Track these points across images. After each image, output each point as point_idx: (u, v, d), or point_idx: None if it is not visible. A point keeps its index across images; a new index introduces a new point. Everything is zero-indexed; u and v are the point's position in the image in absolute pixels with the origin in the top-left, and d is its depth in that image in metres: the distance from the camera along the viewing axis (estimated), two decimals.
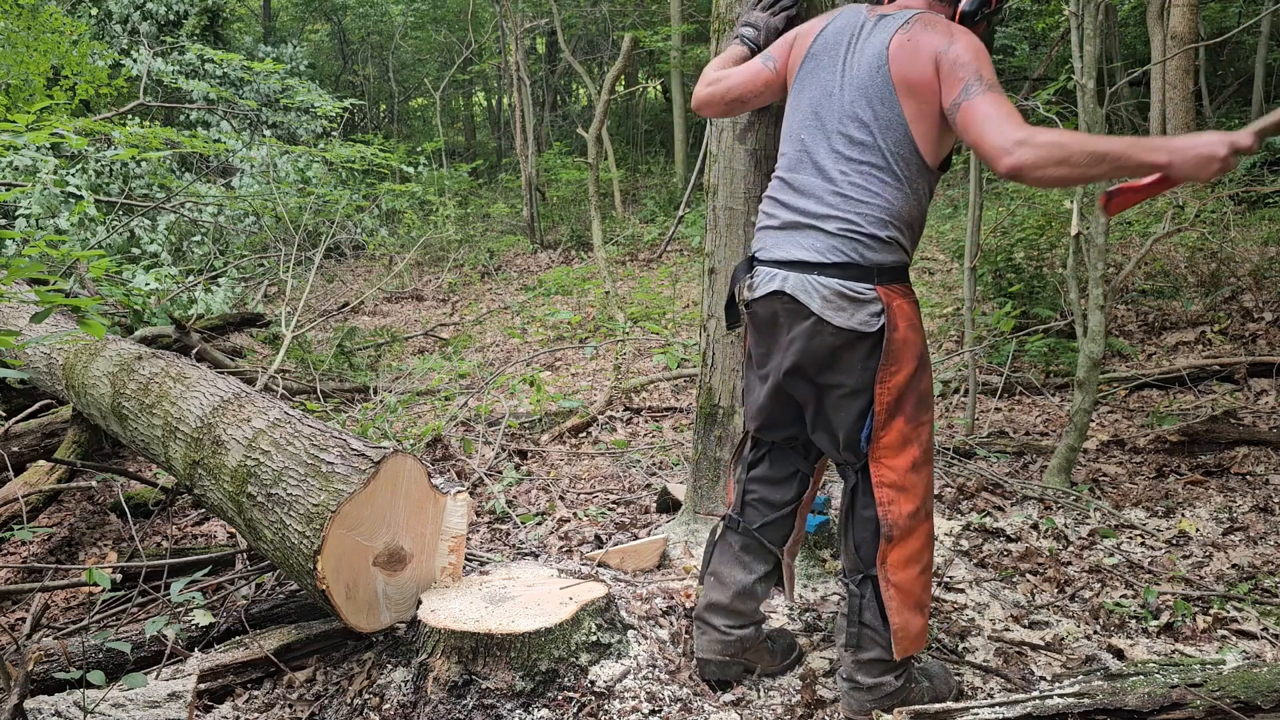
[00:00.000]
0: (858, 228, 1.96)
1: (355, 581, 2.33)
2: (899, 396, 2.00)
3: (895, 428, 2.01)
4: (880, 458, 2.02)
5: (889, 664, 2.09)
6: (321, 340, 7.57)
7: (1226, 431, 3.99)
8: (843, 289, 1.96)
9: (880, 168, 1.97)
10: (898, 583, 2.04)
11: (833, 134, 2.03)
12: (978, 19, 2.10)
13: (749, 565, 2.30)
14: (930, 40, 1.93)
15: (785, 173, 2.12)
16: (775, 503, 2.28)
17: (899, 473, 2.02)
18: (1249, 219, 7.38)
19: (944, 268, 8.03)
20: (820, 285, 1.97)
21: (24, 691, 1.99)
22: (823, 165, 2.03)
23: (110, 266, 6.29)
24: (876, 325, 1.96)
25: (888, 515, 2.02)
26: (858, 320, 1.96)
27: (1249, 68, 11.18)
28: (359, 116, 18.99)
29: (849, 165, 1.99)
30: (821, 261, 1.98)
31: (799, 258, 2.01)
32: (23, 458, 4.14)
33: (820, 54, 2.11)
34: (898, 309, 1.98)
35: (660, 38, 12.15)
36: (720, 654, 2.32)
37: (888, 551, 2.03)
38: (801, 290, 1.99)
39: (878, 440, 2.01)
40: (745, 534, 2.30)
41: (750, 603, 2.31)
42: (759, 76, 2.27)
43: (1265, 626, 2.60)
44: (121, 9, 13.01)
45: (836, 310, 1.96)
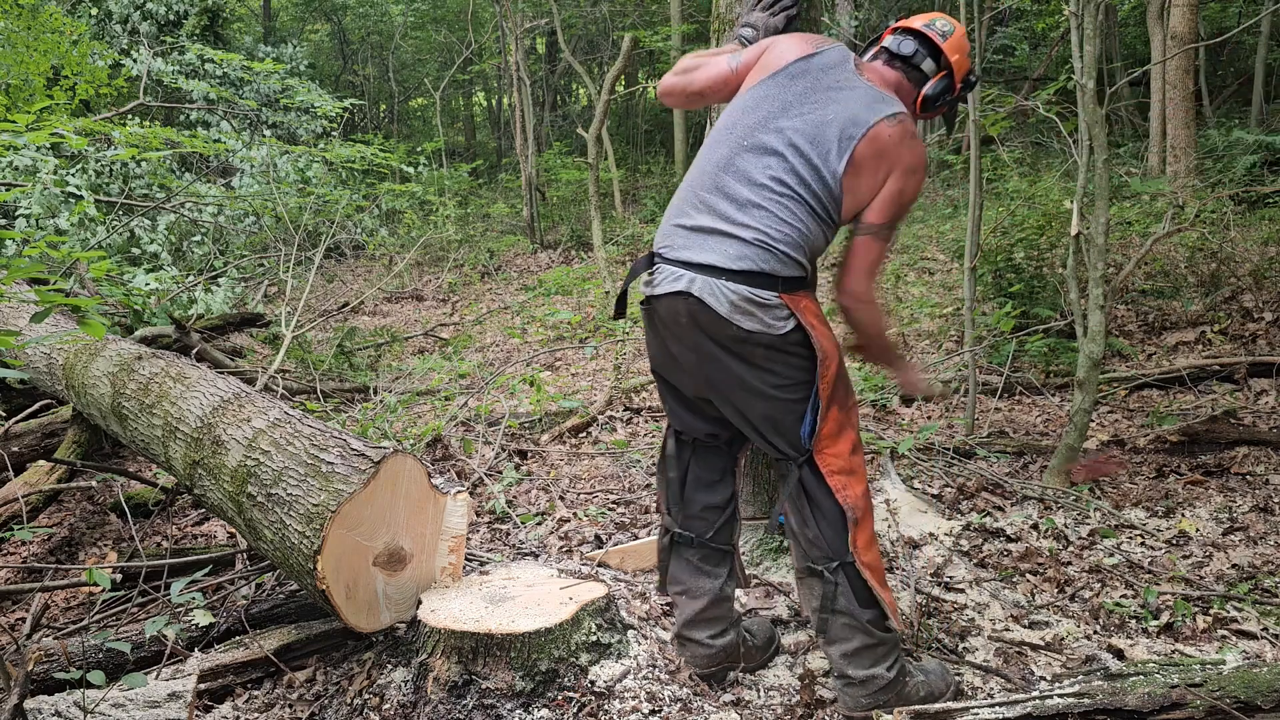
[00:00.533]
0: (772, 242, 1.99)
1: (355, 581, 2.33)
2: (834, 388, 2.07)
3: (831, 417, 2.08)
4: (824, 448, 2.09)
5: (875, 650, 2.11)
6: (321, 340, 7.57)
7: (1226, 431, 3.99)
8: (751, 295, 1.98)
9: (806, 203, 2.02)
10: (868, 562, 2.11)
11: (772, 152, 2.04)
12: (938, 104, 2.21)
13: (711, 572, 2.33)
14: (903, 156, 2.04)
15: (713, 170, 2.10)
16: (717, 505, 2.32)
17: (843, 457, 2.10)
18: (1249, 219, 7.38)
19: (944, 268, 8.03)
20: (729, 290, 1.99)
21: (24, 691, 1.99)
22: (752, 176, 2.04)
23: (110, 267, 6.30)
24: (785, 328, 2.00)
25: (846, 499, 2.08)
26: (765, 324, 1.99)
27: (1249, 68, 11.19)
28: (359, 116, 18.98)
29: (779, 185, 2.02)
30: (730, 268, 1.99)
31: (708, 261, 2.01)
32: (23, 458, 4.14)
33: (799, 76, 2.12)
34: (805, 309, 2.03)
35: (660, 38, 12.14)
36: (706, 665, 2.35)
37: (856, 535, 2.09)
38: (709, 293, 2.00)
39: (819, 432, 2.07)
40: (701, 546, 2.32)
41: (724, 606, 2.34)
42: (720, 74, 2.28)
43: (1265, 626, 2.60)
44: (121, 9, 13.00)
45: (744, 315, 1.99)
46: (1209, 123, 10.25)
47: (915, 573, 2.94)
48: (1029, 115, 10.54)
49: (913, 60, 2.17)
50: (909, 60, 2.17)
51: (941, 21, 2.20)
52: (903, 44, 2.19)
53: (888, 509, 3.37)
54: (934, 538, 3.22)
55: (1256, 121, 10.05)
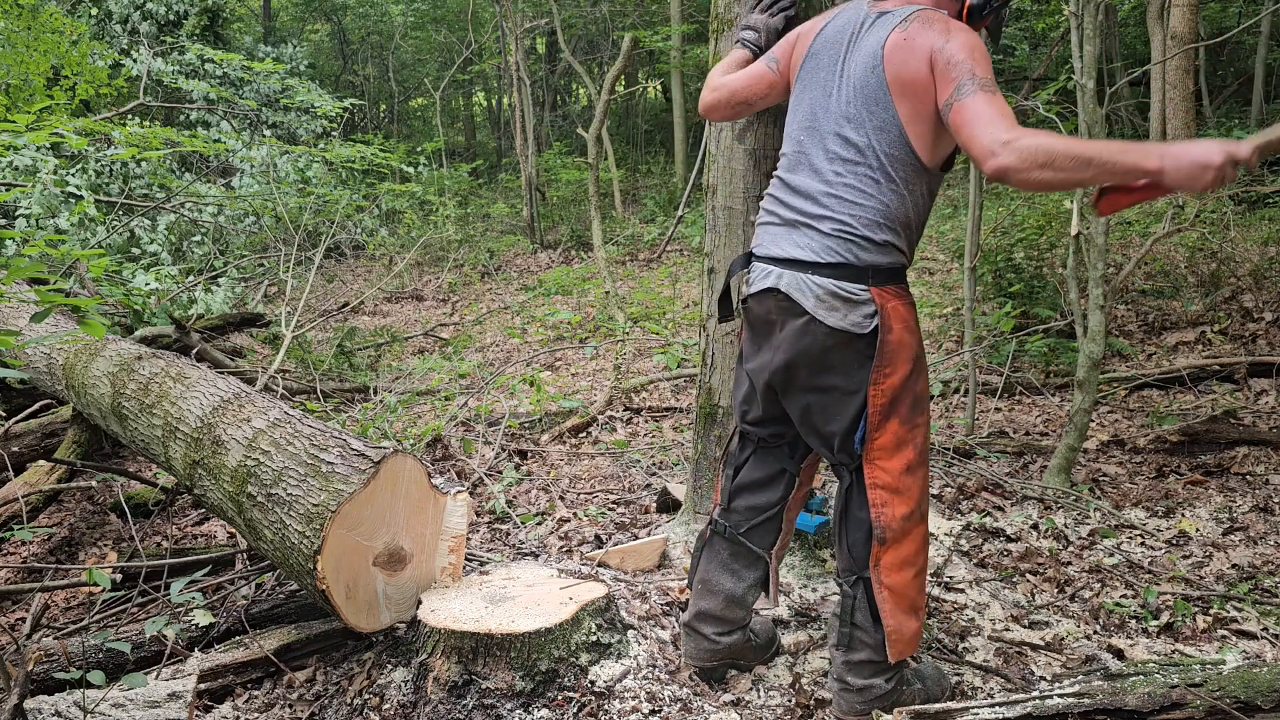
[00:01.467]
0: (851, 229, 1.95)
1: (355, 581, 2.33)
2: (893, 398, 1.98)
3: (889, 430, 2.00)
4: (875, 459, 2.01)
5: (879, 666, 2.09)
6: (321, 340, 7.57)
7: (1226, 431, 3.99)
8: (836, 289, 1.94)
9: (875, 169, 1.94)
10: (891, 585, 2.03)
11: (828, 135, 2.01)
12: (985, 13, 2.05)
13: (739, 573, 2.29)
14: (926, 38, 1.88)
15: (784, 173, 2.12)
16: (761, 506, 2.27)
17: (893, 475, 2.01)
18: (1249, 219, 7.38)
19: (944, 268, 8.03)
20: (814, 284, 1.96)
21: (24, 691, 1.99)
22: (818, 167, 2.02)
23: (110, 266, 6.30)
24: (870, 326, 1.94)
25: (881, 518, 2.01)
26: (850, 321, 1.95)
27: (1249, 68, 11.19)
28: (359, 116, 18.99)
29: (843, 166, 1.98)
30: (816, 261, 1.97)
31: (795, 256, 2.00)
32: (23, 458, 4.14)
33: (820, 53, 2.10)
34: (892, 310, 1.96)
35: (660, 38, 12.15)
36: (709, 660, 2.34)
37: (881, 554, 2.02)
38: (796, 289, 1.98)
39: (872, 442, 2.00)
40: (734, 541, 2.29)
41: (739, 610, 2.31)
42: (763, 79, 2.26)
43: (1265, 626, 2.60)
44: (121, 9, 13.00)
45: (830, 310, 1.95)
46: (1209, 123, 10.25)
47: None
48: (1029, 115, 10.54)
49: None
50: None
51: None
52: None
53: None
54: (934, 538, 3.22)
55: (1256, 121, 10.05)
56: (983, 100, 1.77)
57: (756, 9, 2.47)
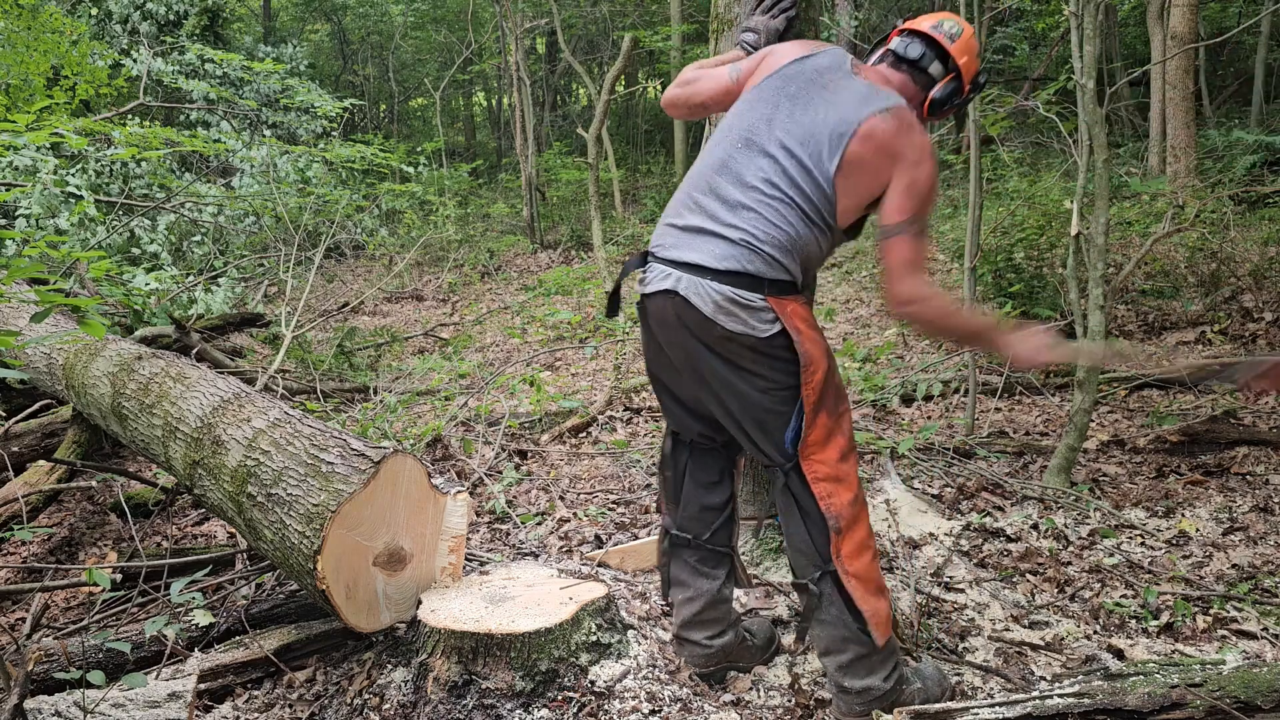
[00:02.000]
0: (759, 244, 1.97)
1: (355, 581, 2.33)
2: (820, 394, 2.03)
3: (819, 423, 2.05)
4: (810, 454, 2.05)
5: (869, 660, 2.10)
6: (321, 340, 7.57)
7: (1226, 431, 3.99)
8: (734, 295, 1.96)
9: (797, 205, 1.99)
10: (855, 572, 2.07)
11: (764, 155, 2.02)
12: (946, 107, 2.16)
13: (709, 574, 2.32)
14: (900, 148, 1.98)
15: (708, 172, 2.10)
16: (715, 506, 2.30)
17: (830, 465, 2.06)
18: (1249, 219, 7.38)
19: (944, 268, 8.03)
20: (712, 290, 1.97)
21: (24, 691, 1.99)
22: (746, 179, 2.03)
23: (110, 267, 6.29)
24: (770, 330, 1.97)
25: (830, 508, 2.05)
26: (749, 325, 1.97)
27: (1249, 68, 11.19)
28: (359, 116, 18.98)
29: (769, 188, 2.00)
30: (715, 268, 1.98)
31: (695, 260, 2.00)
32: (23, 458, 4.14)
33: (793, 78, 2.10)
34: (792, 313, 1.99)
35: (660, 38, 12.15)
36: (705, 665, 2.35)
37: (840, 544, 2.05)
38: (694, 293, 1.99)
39: (805, 438, 2.04)
40: (698, 548, 2.32)
41: (723, 607, 2.33)
42: (722, 85, 2.27)
43: (1265, 626, 2.60)
44: (121, 9, 13.00)
45: (728, 315, 1.97)
46: (1209, 123, 10.26)
47: (915, 573, 2.94)
48: (1029, 115, 10.55)
49: (920, 64, 2.13)
50: (916, 64, 2.13)
51: (950, 23, 2.16)
52: (909, 47, 2.14)
53: (888, 509, 3.37)
54: (934, 538, 3.22)
55: (1256, 121, 10.06)
56: (916, 248, 2.01)
57: (758, 11, 2.47)
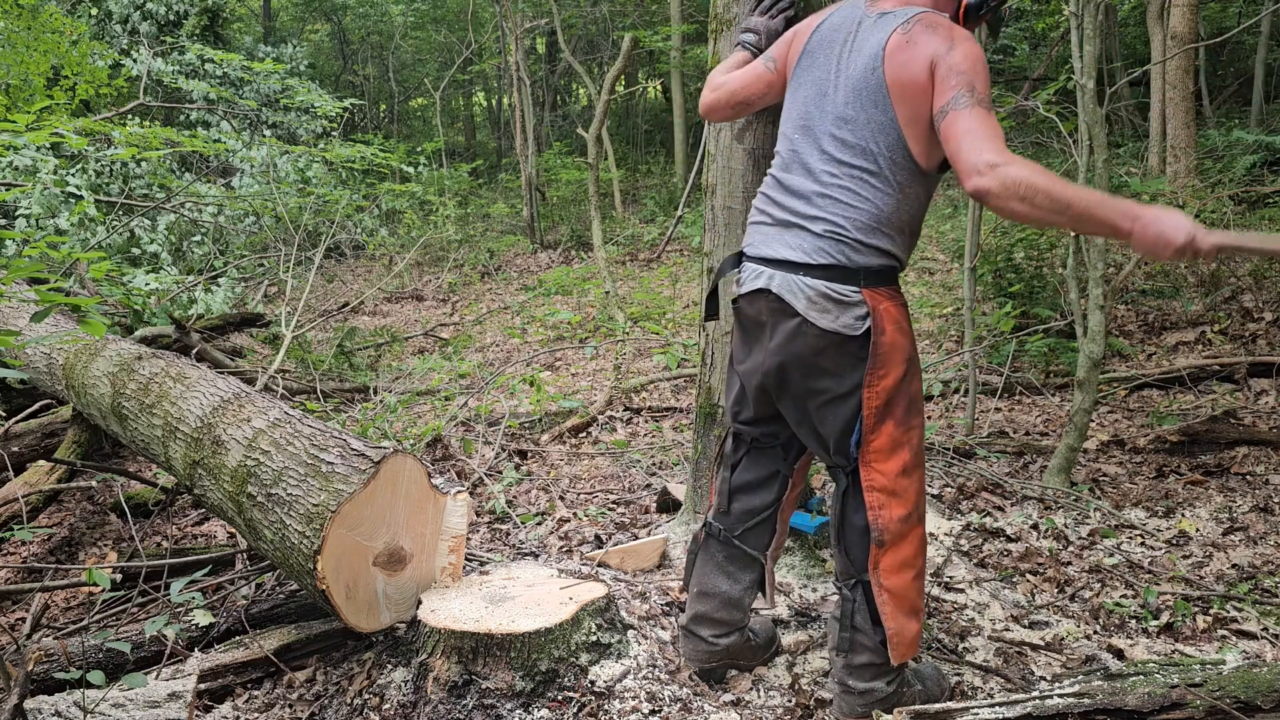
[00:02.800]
0: (843, 230, 1.93)
1: (355, 581, 2.33)
2: (888, 400, 1.97)
3: (885, 432, 1.98)
4: (870, 462, 2.00)
5: (880, 668, 2.09)
6: (321, 340, 7.57)
7: (1226, 431, 3.99)
8: (828, 290, 1.93)
9: (870, 171, 1.93)
10: (890, 588, 2.02)
11: (823, 135, 1.99)
12: (983, 11, 2.04)
13: (734, 575, 2.30)
14: (929, 43, 1.85)
15: (777, 172, 2.10)
16: (756, 508, 2.27)
17: (889, 477, 2.00)
18: (1249, 219, 7.37)
19: (944, 268, 8.03)
20: (805, 286, 1.94)
21: (24, 691, 1.99)
22: (811, 166, 2.00)
23: (110, 267, 6.30)
24: (862, 328, 1.93)
25: (878, 520, 2.00)
26: (842, 323, 1.93)
27: (1249, 68, 11.19)
28: (359, 116, 18.98)
29: (838, 167, 1.96)
30: (807, 262, 1.95)
31: (786, 257, 1.98)
32: (23, 458, 4.14)
33: (816, 50, 2.08)
34: (884, 312, 1.95)
35: (660, 38, 12.15)
36: (707, 662, 2.34)
37: (879, 557, 2.01)
38: (787, 290, 1.96)
39: (867, 444, 1.99)
40: (728, 544, 2.30)
41: (736, 613, 2.31)
42: (761, 78, 2.25)
43: (1265, 626, 2.60)
44: (121, 9, 13.01)
45: (821, 312, 1.94)
46: (1209, 123, 10.25)
47: None
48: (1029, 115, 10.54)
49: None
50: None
51: None
52: None
53: None
54: (934, 538, 3.22)
55: (1256, 121, 10.05)
56: (978, 116, 1.77)
57: (756, 11, 2.47)
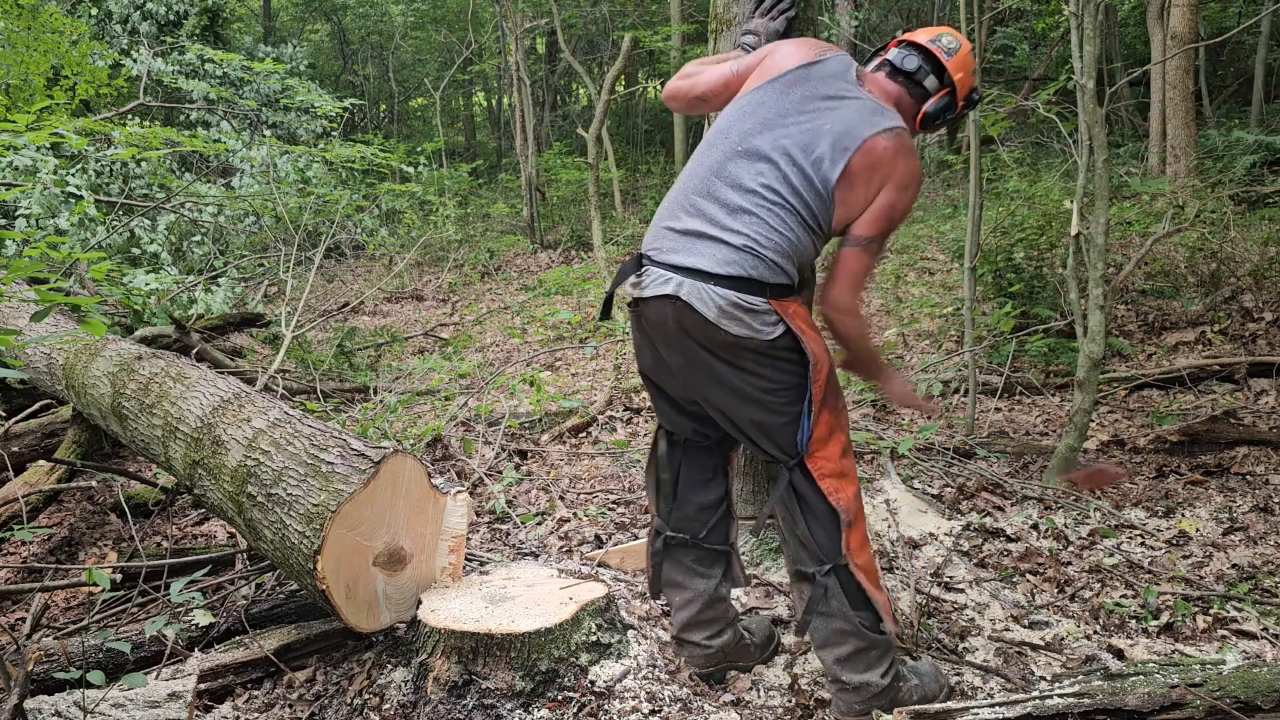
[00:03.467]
0: (761, 249, 1.98)
1: (355, 581, 2.33)
2: (825, 393, 2.06)
3: (823, 421, 2.08)
4: (815, 452, 2.08)
5: (869, 655, 2.11)
6: (321, 340, 7.57)
7: (1226, 431, 3.99)
8: (738, 300, 1.96)
9: (796, 212, 2.01)
10: (861, 564, 2.10)
11: (764, 158, 2.02)
12: (938, 121, 2.20)
13: (705, 573, 2.33)
14: (897, 171, 2.02)
15: (705, 175, 2.08)
16: (710, 504, 2.31)
17: (834, 460, 2.09)
18: (1249, 219, 7.37)
19: (944, 268, 8.03)
20: (716, 295, 1.97)
21: (24, 691, 1.99)
22: (743, 182, 2.02)
23: (110, 267, 6.30)
24: (774, 333, 1.98)
25: (839, 502, 2.07)
26: (753, 329, 1.98)
27: (1249, 68, 11.19)
28: (359, 116, 18.98)
29: (770, 193, 2.00)
30: (719, 273, 1.97)
31: (696, 265, 2.00)
32: (23, 458, 4.14)
33: (797, 84, 2.09)
34: (794, 314, 2.01)
35: (660, 38, 12.15)
36: (705, 665, 2.35)
37: (849, 537, 2.08)
38: (696, 298, 1.98)
39: (810, 436, 2.07)
40: (695, 547, 2.32)
41: (720, 606, 2.34)
42: (722, 79, 2.27)
43: (1265, 626, 2.60)
44: (121, 9, 13.01)
45: (731, 319, 1.97)
46: (1209, 123, 10.25)
47: (915, 573, 2.94)
48: (1029, 115, 10.55)
49: (915, 76, 2.15)
50: (912, 76, 2.15)
51: (948, 38, 2.18)
52: (906, 59, 2.16)
53: (888, 509, 3.36)
54: (934, 538, 3.22)
55: (1256, 121, 10.05)
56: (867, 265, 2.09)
57: (757, 13, 2.47)
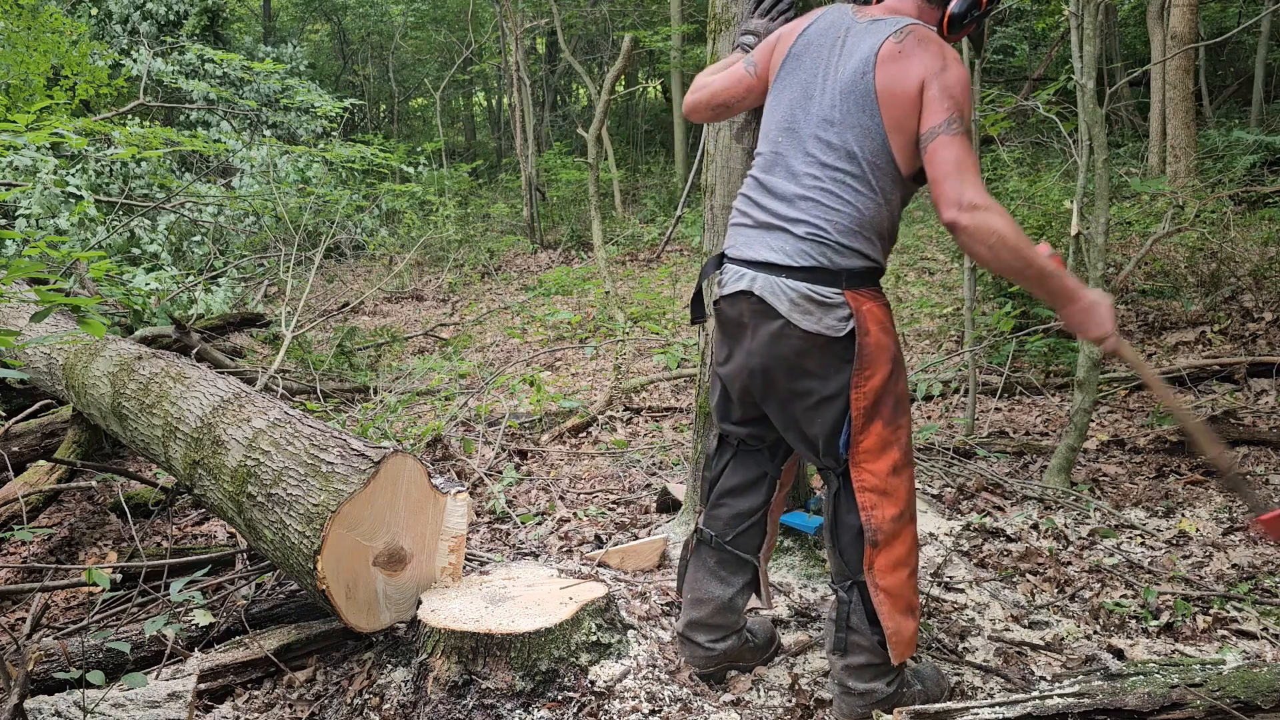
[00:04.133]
0: (825, 233, 1.94)
1: (355, 581, 2.33)
2: (875, 400, 1.98)
3: (874, 431, 1.99)
4: (860, 462, 2.00)
5: (879, 668, 2.09)
6: (321, 340, 7.57)
7: (1226, 431, 3.99)
8: (810, 293, 1.93)
9: (854, 175, 1.94)
10: (886, 587, 2.03)
11: (808, 137, 2.00)
12: (966, 21, 2.07)
13: (726, 580, 2.29)
14: (921, 57, 1.90)
15: (759, 173, 2.09)
16: (745, 511, 2.27)
17: (880, 477, 2.00)
18: (1249, 219, 7.37)
19: (944, 268, 8.03)
20: (788, 288, 1.95)
21: (24, 691, 1.99)
22: (794, 168, 2.01)
23: (110, 267, 6.30)
24: (845, 329, 1.93)
25: (871, 520, 2.01)
26: (825, 325, 1.94)
27: (1249, 68, 11.19)
28: (359, 116, 18.98)
29: (821, 170, 1.97)
30: (789, 264, 1.95)
31: (768, 259, 1.99)
32: (23, 458, 4.14)
33: (802, 54, 2.08)
34: (868, 313, 1.95)
35: (660, 38, 12.15)
36: (706, 666, 2.34)
37: (874, 557, 2.02)
38: (769, 292, 1.97)
39: (857, 445, 2.00)
40: (719, 549, 2.29)
41: (731, 615, 2.31)
42: (741, 82, 2.26)
43: (1265, 626, 2.60)
44: (121, 9, 13.01)
45: (804, 314, 1.94)
46: (1209, 123, 10.25)
47: None
48: (1029, 115, 10.55)
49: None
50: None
51: None
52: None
53: None
54: (934, 538, 3.22)
55: (1256, 121, 10.05)
56: (963, 148, 1.86)
57: (756, 13, 2.46)
